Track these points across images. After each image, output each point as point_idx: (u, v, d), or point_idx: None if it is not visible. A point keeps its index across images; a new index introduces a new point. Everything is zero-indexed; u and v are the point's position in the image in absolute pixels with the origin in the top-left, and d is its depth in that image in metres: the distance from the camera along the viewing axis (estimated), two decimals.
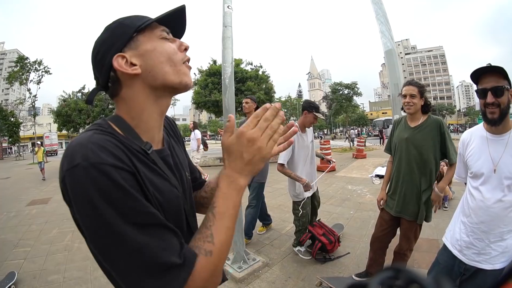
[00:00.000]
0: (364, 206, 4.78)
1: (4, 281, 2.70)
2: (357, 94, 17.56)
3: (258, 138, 0.53)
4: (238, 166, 0.55)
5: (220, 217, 0.53)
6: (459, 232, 1.44)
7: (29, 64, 24.36)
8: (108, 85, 0.59)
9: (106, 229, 0.45)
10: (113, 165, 0.46)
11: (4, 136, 29.04)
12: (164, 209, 0.55)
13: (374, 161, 10.30)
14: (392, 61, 5.40)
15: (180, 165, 0.70)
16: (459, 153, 1.55)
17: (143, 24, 0.59)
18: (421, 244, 2.99)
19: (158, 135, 0.66)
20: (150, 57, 0.58)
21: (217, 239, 0.52)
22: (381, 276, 0.27)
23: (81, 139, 0.49)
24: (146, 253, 0.46)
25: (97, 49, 0.59)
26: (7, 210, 5.87)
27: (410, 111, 2.05)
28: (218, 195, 0.55)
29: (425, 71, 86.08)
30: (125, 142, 0.54)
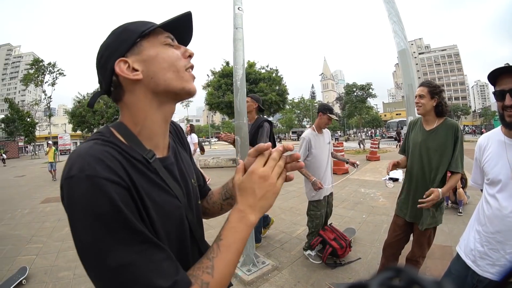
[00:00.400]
0: (377, 210, 4.69)
1: (16, 275, 2.79)
2: (371, 95, 17.23)
3: (269, 175, 0.56)
4: (250, 201, 0.56)
5: (225, 250, 0.53)
6: (473, 241, 1.36)
7: (44, 66, 25.13)
8: (111, 89, 0.59)
9: (93, 242, 0.44)
10: (107, 178, 0.46)
11: (20, 135, 30.11)
12: (162, 222, 0.55)
13: (388, 164, 10.07)
14: (406, 61, 5.25)
15: (185, 173, 0.69)
16: (475, 158, 1.46)
17: (147, 29, 0.59)
18: (434, 251, 2.90)
19: (163, 141, 0.65)
20: (153, 63, 0.58)
21: (217, 272, 0.51)
22: (381, 276, 0.27)
23: (81, 149, 0.49)
24: (131, 272, 0.44)
25: (101, 53, 0.59)
26: (21, 207, 6.06)
27: (419, 112, 2.01)
28: (226, 227, 0.55)
29: (439, 70, 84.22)
30: (126, 151, 0.54)
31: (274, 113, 16.85)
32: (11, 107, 26.37)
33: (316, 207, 2.91)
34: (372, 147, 12.63)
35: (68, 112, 23.47)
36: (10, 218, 5.31)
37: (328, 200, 3.05)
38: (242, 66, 2.76)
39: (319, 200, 2.89)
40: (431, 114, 2.00)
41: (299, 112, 55.48)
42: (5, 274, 2.93)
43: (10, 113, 28.39)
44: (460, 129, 1.96)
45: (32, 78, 25.09)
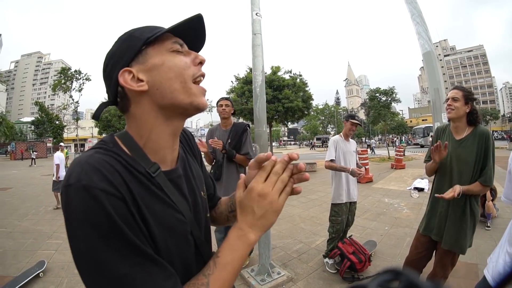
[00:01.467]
0: (400, 222, 4.46)
1: (34, 268, 2.91)
2: (395, 100, 16.56)
3: (269, 192, 0.52)
4: (249, 221, 0.54)
5: (221, 268, 0.52)
6: (503, 264, 1.21)
7: (71, 74, 26.60)
8: (117, 100, 0.56)
9: (87, 252, 0.43)
10: (103, 189, 0.44)
11: (49, 137, 31.89)
12: (162, 236, 0.52)
13: (413, 172, 9.74)
14: (431, 64, 5.03)
15: (194, 185, 0.66)
16: (509, 170, 1.30)
17: (152, 35, 0.54)
18: (458, 269, 2.67)
19: (171, 155, 0.61)
20: (158, 72, 0.54)
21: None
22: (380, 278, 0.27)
23: (82, 158, 0.48)
24: (123, 284, 0.43)
25: (106, 62, 0.56)
26: (45, 204, 6.34)
27: (450, 115, 1.84)
28: (224, 245, 0.54)
29: (466, 73, 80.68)
30: (129, 162, 0.51)
31: (298, 120, 16.68)
32: (41, 110, 28.04)
33: (337, 213, 2.92)
34: (398, 154, 12.11)
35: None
36: (34, 214, 5.57)
37: (351, 208, 3.01)
38: (262, 73, 2.71)
39: (340, 204, 2.90)
40: (462, 121, 1.84)
41: (324, 118, 54.71)
42: (24, 266, 3.08)
43: (40, 115, 30.24)
44: (492, 137, 1.79)
45: (60, 85, 26.61)
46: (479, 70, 79.12)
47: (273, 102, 13.02)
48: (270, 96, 13.12)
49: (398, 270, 0.27)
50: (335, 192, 2.94)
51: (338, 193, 2.92)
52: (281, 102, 12.93)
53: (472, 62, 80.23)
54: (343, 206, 2.91)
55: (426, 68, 5.37)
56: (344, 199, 2.90)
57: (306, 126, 54.33)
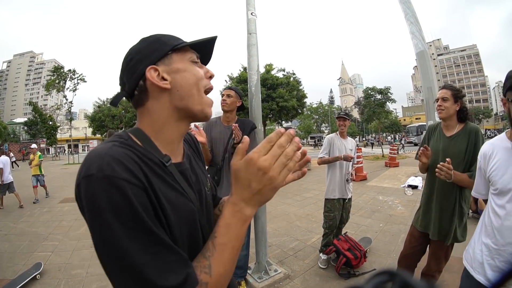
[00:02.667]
0: (395, 219, 4.52)
1: (30, 270, 2.89)
2: (390, 100, 16.68)
3: (270, 167, 0.49)
4: (245, 195, 0.51)
5: (221, 248, 0.52)
6: (480, 254, 1.26)
7: (64, 73, 26.24)
8: (134, 92, 0.61)
9: (109, 240, 0.45)
10: (125, 179, 0.47)
11: (42, 138, 31.47)
12: (178, 223, 0.55)
13: (407, 170, 9.83)
14: (425, 63, 5.09)
15: (200, 180, 0.70)
16: (478, 167, 1.36)
17: (179, 44, 0.62)
18: (453, 264, 2.70)
19: (178, 149, 0.67)
20: (181, 76, 0.61)
21: (215, 272, 0.51)
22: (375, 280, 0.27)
23: (100, 150, 0.50)
24: (143, 271, 0.45)
25: (131, 56, 0.61)
26: (40, 206, 6.29)
27: (441, 115, 1.89)
28: (220, 224, 0.53)
29: (459, 72, 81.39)
30: (144, 154, 0.55)
31: (292, 119, 16.70)
32: (35, 110, 27.64)
33: (330, 209, 2.96)
34: (391, 153, 12.23)
35: (88, 117, 24.42)
36: (29, 216, 5.51)
37: (345, 205, 3.04)
38: (257, 72, 2.73)
39: (333, 200, 2.94)
40: (453, 119, 1.89)
41: (318, 117, 54.82)
42: (21, 268, 3.06)
43: (33, 116, 29.81)
44: (481, 133, 1.85)
45: (53, 84, 26.24)
46: (472, 69, 79.91)
47: (267, 101, 13.00)
48: (264, 95, 13.10)
49: (393, 271, 0.27)
50: (328, 187, 3.00)
51: (331, 189, 2.97)
52: (275, 101, 12.92)
53: (465, 62, 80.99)
54: (336, 203, 2.95)
55: (420, 67, 5.44)
56: (336, 195, 2.94)
57: (300, 125, 54.38)
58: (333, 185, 2.96)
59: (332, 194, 2.96)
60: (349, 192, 3.03)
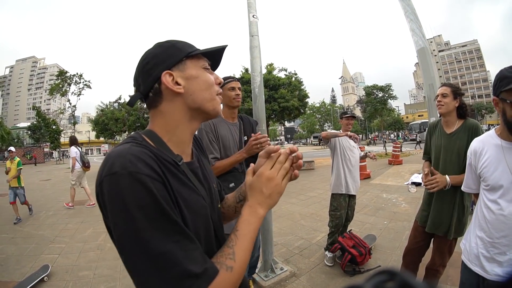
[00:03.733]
0: (399, 216, 4.52)
1: (38, 272, 2.92)
2: (391, 97, 16.67)
3: (274, 177, 0.64)
4: (259, 199, 0.64)
5: (242, 238, 0.60)
6: (476, 247, 1.31)
7: (69, 77, 26.32)
8: (148, 94, 0.65)
9: (134, 232, 0.49)
10: (148, 175, 0.51)
11: (46, 142, 31.65)
12: (191, 218, 0.59)
13: (410, 168, 9.82)
14: (425, 60, 5.06)
15: (208, 177, 0.76)
16: (468, 163, 1.40)
17: (193, 51, 0.67)
18: (456, 259, 2.70)
19: (188, 149, 0.72)
20: (194, 82, 0.66)
21: (238, 257, 0.58)
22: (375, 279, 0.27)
23: (121, 150, 0.55)
24: (168, 259, 0.49)
25: (148, 60, 0.65)
26: (46, 209, 6.32)
27: (441, 111, 1.93)
28: (240, 221, 0.63)
29: (461, 68, 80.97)
30: (158, 154, 0.59)
31: (295, 118, 16.69)
32: (38, 115, 27.82)
33: (336, 208, 2.97)
34: (394, 150, 12.16)
35: (92, 120, 24.49)
36: (35, 219, 5.53)
37: (350, 203, 3.06)
38: (260, 73, 2.75)
39: (339, 198, 2.95)
40: (453, 116, 1.92)
41: (320, 116, 54.77)
42: (28, 270, 3.08)
43: (37, 120, 30.00)
44: (481, 129, 1.86)
45: (58, 88, 26.33)
46: (474, 65, 79.48)
47: (269, 101, 13.02)
48: (266, 95, 13.11)
49: (393, 270, 0.27)
50: (335, 182, 3.00)
51: (337, 183, 2.97)
52: (277, 102, 12.92)
53: (466, 57, 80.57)
54: (342, 201, 2.96)
55: (421, 64, 5.40)
56: (343, 190, 2.94)
57: (302, 124, 54.24)
58: (340, 180, 2.96)
59: (339, 189, 2.96)
60: (355, 189, 3.01)
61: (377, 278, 0.27)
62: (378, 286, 0.26)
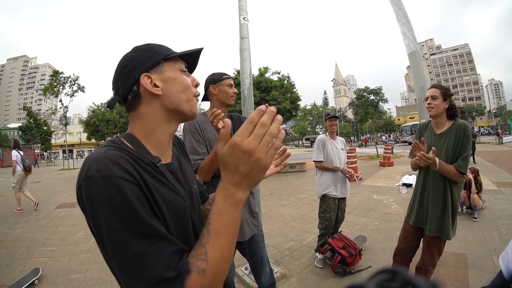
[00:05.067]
0: (390, 217, 4.58)
1: (28, 275, 2.88)
2: (383, 100, 16.79)
3: (255, 148, 0.47)
4: (235, 180, 0.50)
5: (215, 234, 0.51)
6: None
7: (63, 78, 25.92)
8: (127, 97, 0.66)
9: (111, 234, 0.50)
10: (121, 177, 0.51)
11: (37, 143, 31.07)
12: (170, 218, 0.59)
13: (401, 169, 9.93)
14: (417, 63, 5.18)
15: (188, 178, 0.76)
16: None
17: (170, 54, 0.68)
18: (447, 259, 2.80)
19: (168, 151, 0.72)
20: (171, 84, 0.67)
21: (211, 258, 0.50)
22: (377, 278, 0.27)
23: (97, 154, 0.55)
24: (143, 261, 0.49)
25: (126, 63, 0.66)
26: (36, 212, 6.19)
27: (431, 113, 1.96)
28: (213, 210, 0.52)
29: (452, 71, 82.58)
30: (136, 156, 0.60)
31: (286, 121, 16.71)
32: (29, 115, 27.34)
33: (326, 210, 2.97)
34: (386, 152, 12.32)
35: (83, 122, 24.18)
36: (25, 221, 5.43)
37: (340, 205, 3.07)
38: (249, 76, 2.77)
39: (328, 200, 2.95)
40: (443, 117, 1.95)
41: (312, 118, 54.95)
42: (19, 274, 3.02)
43: (28, 121, 29.45)
44: (470, 128, 1.91)
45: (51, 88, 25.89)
46: (465, 68, 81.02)
47: (260, 104, 13.07)
48: (257, 98, 13.14)
49: (395, 269, 0.27)
50: (321, 186, 3.00)
51: (324, 187, 2.97)
52: (269, 104, 12.96)
53: (457, 61, 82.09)
54: (331, 203, 2.97)
55: (412, 67, 5.49)
56: (332, 191, 2.95)
57: (294, 127, 54.44)
58: (327, 182, 2.97)
59: (327, 190, 2.96)
60: (344, 192, 3.04)
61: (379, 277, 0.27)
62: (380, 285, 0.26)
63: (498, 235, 3.43)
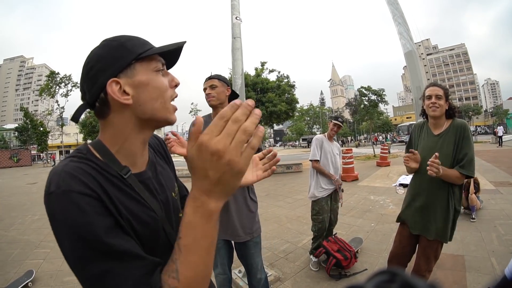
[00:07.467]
0: (386, 218, 4.53)
1: (22, 278, 2.87)
2: (383, 101, 16.92)
3: (225, 149, 0.39)
4: (205, 187, 0.42)
5: (186, 250, 0.45)
6: None
7: (59, 79, 25.88)
8: (95, 104, 0.57)
9: (71, 252, 0.47)
10: (80, 192, 0.48)
11: (33, 144, 30.90)
12: (138, 232, 0.56)
13: (398, 169, 9.87)
14: (413, 63, 5.17)
15: (164, 186, 0.70)
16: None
17: (143, 53, 0.57)
18: (445, 261, 2.75)
19: (141, 159, 0.65)
20: (144, 91, 0.57)
21: (183, 276, 0.45)
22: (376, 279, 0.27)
23: (58, 167, 0.53)
24: (106, 281, 0.46)
25: (91, 64, 0.57)
26: (32, 213, 6.17)
27: (436, 113, 1.84)
28: (182, 223, 0.45)
29: (448, 71, 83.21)
30: (102, 167, 0.55)
31: (283, 121, 16.68)
32: (26, 116, 27.21)
33: (319, 212, 2.95)
34: (382, 152, 12.26)
35: (79, 122, 24.18)
36: (20, 223, 5.42)
37: (332, 206, 3.03)
38: (241, 76, 2.73)
39: (321, 202, 2.93)
40: (443, 118, 1.88)
41: (309, 119, 55.07)
42: (12, 276, 3.02)
43: (24, 121, 29.31)
44: (469, 127, 1.84)
45: (47, 89, 25.84)
46: (461, 68, 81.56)
47: (257, 105, 12.97)
48: (254, 99, 13.02)
49: (394, 271, 0.27)
50: (315, 188, 2.97)
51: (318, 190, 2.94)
52: (265, 106, 12.90)
53: (454, 60, 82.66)
54: (324, 205, 2.95)
55: (408, 67, 5.50)
56: (325, 193, 2.94)
57: (291, 127, 54.59)
58: (320, 184, 2.95)
59: (320, 194, 2.94)
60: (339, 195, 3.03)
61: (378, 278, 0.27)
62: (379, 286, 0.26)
63: (496, 236, 3.40)
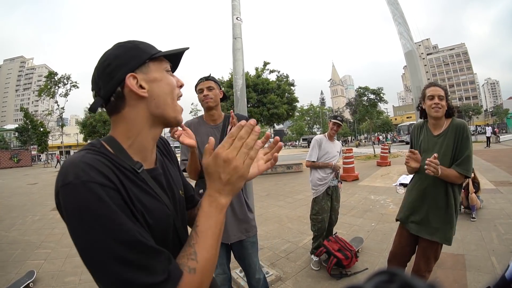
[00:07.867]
0: (387, 217, 4.53)
1: (23, 278, 2.87)
2: (382, 101, 16.93)
3: (233, 158, 0.54)
4: (217, 186, 0.56)
5: (203, 235, 0.55)
6: None
7: (58, 79, 25.87)
8: (110, 99, 0.61)
9: (93, 243, 0.48)
10: (100, 183, 0.50)
11: (33, 144, 30.90)
12: (151, 226, 0.58)
13: (399, 169, 9.86)
14: (413, 63, 5.17)
15: (172, 183, 0.73)
16: None
17: (156, 54, 0.64)
18: (445, 260, 2.76)
19: (151, 156, 0.69)
20: (158, 85, 0.63)
21: (200, 257, 0.54)
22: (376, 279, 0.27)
23: (74, 158, 0.53)
24: (126, 269, 0.47)
25: (109, 61, 0.61)
26: (32, 214, 6.19)
27: (438, 114, 1.83)
28: (200, 214, 0.57)
29: (448, 71, 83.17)
30: (116, 161, 0.57)
31: (284, 121, 16.66)
32: (26, 116, 27.21)
33: (318, 212, 2.96)
34: (383, 152, 12.25)
35: (79, 123, 24.13)
36: (21, 224, 5.44)
37: (333, 207, 3.04)
38: (242, 76, 2.74)
39: (321, 201, 2.95)
40: (443, 118, 1.88)
41: (309, 119, 55.09)
42: (14, 277, 3.02)
43: (24, 122, 29.32)
44: (468, 127, 1.83)
45: (46, 89, 25.83)
46: (461, 68, 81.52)
47: (257, 106, 12.95)
48: (254, 100, 13.04)
49: (394, 271, 0.27)
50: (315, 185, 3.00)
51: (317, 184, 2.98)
52: (266, 106, 12.86)
53: (454, 60, 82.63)
54: (324, 205, 2.97)
55: (409, 67, 5.49)
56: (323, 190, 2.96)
57: (291, 127, 54.59)
58: (319, 182, 2.97)
59: (322, 182, 2.96)
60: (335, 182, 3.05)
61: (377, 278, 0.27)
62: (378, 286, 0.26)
63: (496, 235, 3.40)
